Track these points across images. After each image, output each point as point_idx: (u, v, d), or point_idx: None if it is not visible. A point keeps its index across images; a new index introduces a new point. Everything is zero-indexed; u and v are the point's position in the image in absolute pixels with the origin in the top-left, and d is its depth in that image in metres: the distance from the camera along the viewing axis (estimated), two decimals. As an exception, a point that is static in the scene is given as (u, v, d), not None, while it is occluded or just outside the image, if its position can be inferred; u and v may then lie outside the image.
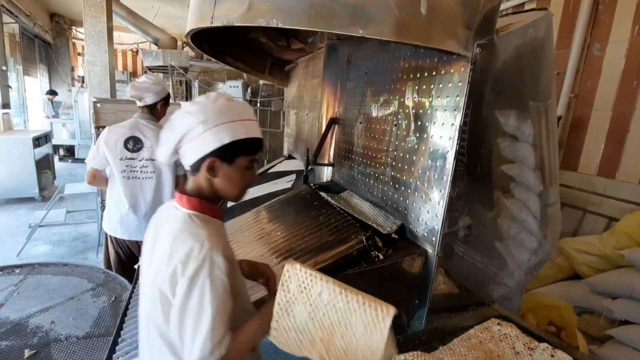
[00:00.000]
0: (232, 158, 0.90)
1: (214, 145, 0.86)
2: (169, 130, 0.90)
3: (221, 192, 0.94)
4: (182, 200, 0.92)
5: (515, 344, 1.03)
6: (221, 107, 0.88)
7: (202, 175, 0.91)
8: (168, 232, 0.88)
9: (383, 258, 1.19)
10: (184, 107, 0.91)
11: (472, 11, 0.96)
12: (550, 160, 1.41)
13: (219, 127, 0.86)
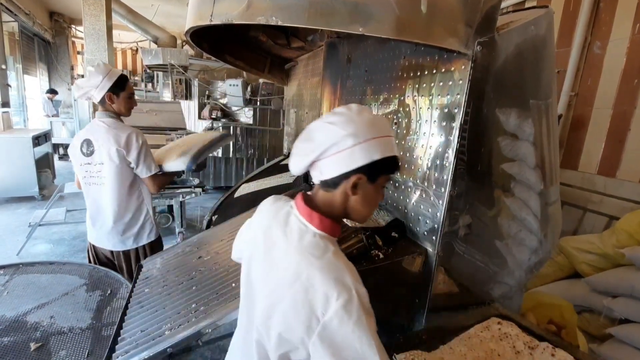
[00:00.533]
0: (376, 176, 0.84)
1: (363, 161, 0.79)
2: (306, 141, 0.83)
3: (352, 212, 0.87)
4: (313, 218, 0.84)
5: (515, 343, 1.03)
6: (369, 120, 0.82)
7: (340, 192, 0.84)
8: (292, 247, 0.82)
9: (383, 257, 1.18)
10: (325, 117, 0.84)
11: (473, 9, 0.95)
12: (551, 158, 1.40)
13: (370, 142, 0.79)
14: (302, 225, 0.84)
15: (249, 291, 0.92)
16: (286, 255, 0.82)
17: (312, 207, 0.85)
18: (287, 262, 0.81)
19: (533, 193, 1.33)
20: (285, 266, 0.80)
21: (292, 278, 0.78)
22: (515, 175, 1.29)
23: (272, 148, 6.35)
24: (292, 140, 3.08)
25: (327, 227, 0.84)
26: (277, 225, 0.87)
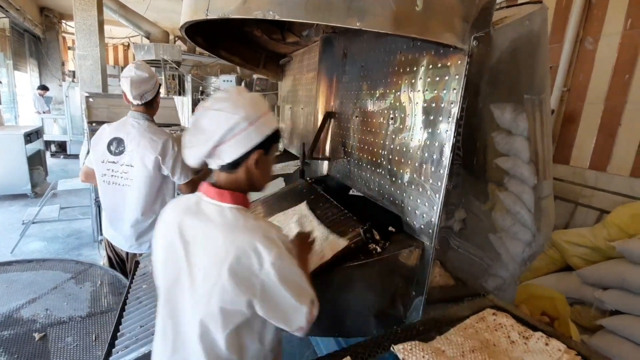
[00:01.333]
0: (270, 148, 0.92)
1: (259, 139, 0.87)
2: (198, 133, 0.86)
3: (257, 183, 0.95)
4: (225, 196, 0.90)
5: (510, 333, 1.05)
6: (252, 100, 0.89)
7: (243, 170, 0.90)
8: (217, 227, 0.86)
9: (381, 251, 1.20)
10: (209, 106, 0.87)
11: (470, 3, 0.96)
12: (544, 153, 1.42)
13: (260, 120, 0.87)
14: (216, 207, 0.89)
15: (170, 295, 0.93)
16: (209, 239, 0.87)
17: (221, 188, 0.92)
18: (212, 243, 0.86)
19: (527, 187, 1.35)
20: (211, 248, 0.85)
21: (223, 254, 0.83)
22: (509, 169, 1.31)
23: (267, 144, 6.33)
24: (288, 137, 3.07)
25: (239, 201, 0.91)
26: (189, 219, 0.91)
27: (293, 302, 0.86)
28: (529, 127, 1.28)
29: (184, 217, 0.92)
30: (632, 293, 2.40)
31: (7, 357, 1.16)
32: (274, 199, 1.88)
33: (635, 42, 2.85)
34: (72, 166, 7.67)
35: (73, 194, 5.10)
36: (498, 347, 1.01)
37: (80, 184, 4.06)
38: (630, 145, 2.88)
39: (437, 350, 0.95)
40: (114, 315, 1.34)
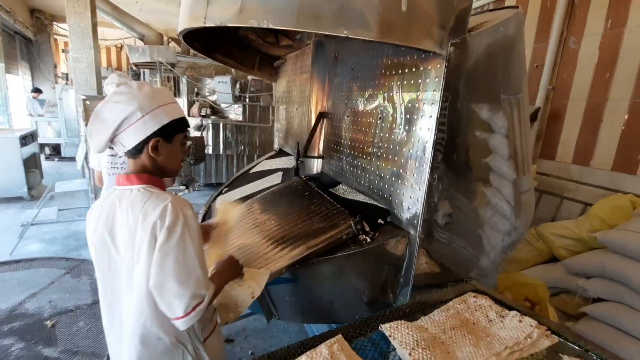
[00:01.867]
0: (171, 136, 1.01)
1: (155, 127, 0.96)
2: (98, 122, 0.96)
3: (164, 168, 1.04)
4: (131, 180, 1.00)
5: (488, 313, 1.15)
6: (150, 93, 0.98)
7: (145, 156, 1.00)
8: (127, 207, 0.96)
9: (370, 241, 1.29)
10: (110, 98, 0.97)
11: (447, 13, 1.06)
12: (523, 150, 1.52)
13: (155, 110, 0.97)
14: (127, 190, 0.99)
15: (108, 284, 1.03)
16: (123, 219, 0.96)
17: (129, 174, 1.01)
18: (126, 222, 0.95)
19: (506, 181, 1.45)
20: (124, 226, 0.95)
21: (133, 228, 0.93)
22: (489, 165, 1.41)
23: (262, 144, 6.40)
24: (283, 136, 3.16)
25: (147, 180, 1.00)
26: (109, 209, 1.00)
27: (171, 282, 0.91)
28: (508, 125, 1.38)
29: (103, 211, 1.01)
30: (613, 281, 2.51)
31: (24, 343, 1.22)
32: (271, 196, 1.96)
33: (615, 41, 2.98)
34: (66, 169, 7.67)
35: (69, 196, 5.12)
36: (477, 325, 1.10)
37: (78, 186, 4.12)
38: (611, 141, 3.01)
39: (420, 328, 1.04)
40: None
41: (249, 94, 6.02)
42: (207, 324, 1.12)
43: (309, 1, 1.05)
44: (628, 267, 2.41)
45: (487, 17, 1.47)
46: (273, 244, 1.44)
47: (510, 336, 1.04)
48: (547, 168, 3.58)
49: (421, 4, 1.04)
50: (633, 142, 2.84)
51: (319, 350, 0.93)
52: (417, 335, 1.00)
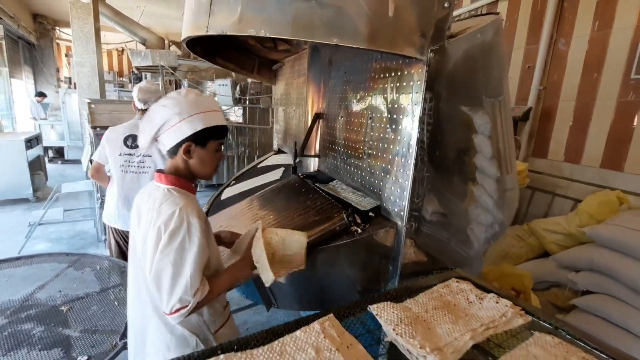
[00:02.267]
0: (205, 142, 1.10)
1: (189, 132, 1.06)
2: (147, 122, 1.09)
3: (195, 172, 1.14)
4: (161, 178, 1.11)
5: (469, 296, 1.25)
6: (192, 100, 1.08)
7: (179, 158, 1.10)
8: (151, 204, 1.07)
9: (361, 232, 1.39)
10: (160, 101, 1.09)
11: (427, 22, 1.16)
12: (506, 150, 1.62)
13: (193, 117, 1.06)
14: (157, 187, 1.12)
15: (132, 257, 1.17)
16: (146, 214, 1.08)
17: (164, 172, 1.13)
18: (146, 216, 1.07)
19: (489, 179, 1.55)
20: (145, 224, 1.06)
21: (148, 225, 1.05)
22: (474, 163, 1.51)
23: (262, 145, 6.51)
24: (282, 137, 3.27)
25: (174, 182, 1.11)
26: (143, 199, 1.13)
27: (164, 279, 0.99)
28: (490, 126, 1.48)
29: (139, 200, 1.15)
30: (600, 273, 2.61)
31: (44, 327, 1.33)
32: (270, 193, 2.07)
33: (602, 43, 3.08)
34: (70, 171, 7.79)
35: (73, 197, 5.24)
36: (457, 306, 1.21)
37: (83, 187, 4.23)
38: (600, 139, 3.11)
39: (404, 308, 1.15)
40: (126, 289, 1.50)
41: (249, 97, 6.14)
42: (219, 315, 1.21)
43: (302, 13, 1.16)
44: (614, 260, 2.50)
45: (471, 22, 1.57)
46: (271, 236, 1.54)
47: (487, 315, 1.14)
48: (540, 166, 3.69)
49: (404, 15, 1.15)
50: (620, 140, 2.94)
51: (312, 326, 1.04)
52: (402, 314, 1.11)
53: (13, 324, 1.35)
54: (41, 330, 1.31)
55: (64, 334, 1.30)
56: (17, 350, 1.22)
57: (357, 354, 0.95)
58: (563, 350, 1.00)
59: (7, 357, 1.19)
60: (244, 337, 1.02)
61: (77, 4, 5.66)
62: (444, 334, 1.05)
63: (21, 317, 1.40)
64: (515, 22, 3.97)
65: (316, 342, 0.98)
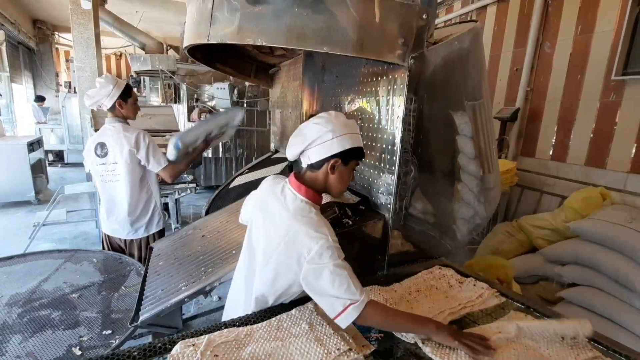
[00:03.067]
0: (348, 160, 1.16)
1: (339, 149, 1.12)
2: (298, 136, 1.16)
3: (330, 187, 1.19)
4: (301, 189, 1.16)
5: (450, 281, 1.37)
6: (343, 121, 1.16)
7: (322, 172, 1.16)
8: (285, 210, 1.12)
9: (352, 223, 1.51)
10: (312, 120, 1.17)
11: (408, 31, 1.29)
12: (488, 151, 1.74)
13: (344, 136, 1.12)
14: (292, 194, 1.17)
15: (249, 245, 1.25)
16: (280, 216, 1.15)
17: (301, 182, 1.19)
18: (281, 220, 1.14)
19: (470, 176, 1.67)
20: (279, 224, 1.14)
21: (284, 231, 1.11)
22: (457, 162, 1.63)
23: (260, 147, 6.63)
24: (279, 138, 3.38)
25: (310, 196, 1.17)
26: (273, 197, 1.21)
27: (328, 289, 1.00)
28: (471, 128, 1.60)
29: (270, 195, 1.21)
30: (585, 266, 2.73)
31: (60, 312, 1.43)
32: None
33: (584, 46, 3.22)
34: (70, 174, 7.89)
35: (73, 199, 5.34)
36: (439, 289, 1.33)
37: (85, 189, 4.34)
38: (584, 138, 3.24)
39: (391, 291, 1.27)
40: (129, 271, 1.59)
41: (246, 99, 6.26)
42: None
43: (296, 23, 1.28)
44: (598, 253, 2.63)
45: (453, 30, 1.70)
46: (269, 229, 1.66)
47: (465, 296, 1.26)
48: (528, 165, 3.82)
49: (387, 25, 1.27)
50: (602, 139, 3.07)
51: (306, 305, 1.16)
52: (387, 295, 1.23)
53: (30, 312, 1.45)
54: (59, 314, 1.41)
55: (83, 315, 1.41)
56: (42, 332, 1.33)
57: (345, 328, 1.07)
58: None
59: (35, 337, 1.29)
60: (245, 315, 1.14)
61: (77, 10, 5.76)
62: (425, 312, 1.17)
63: (35, 306, 1.50)
64: (504, 26, 4.11)
65: (310, 319, 1.10)
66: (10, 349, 1.24)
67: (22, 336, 1.31)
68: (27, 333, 1.31)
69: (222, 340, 0.97)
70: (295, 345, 0.97)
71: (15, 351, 1.23)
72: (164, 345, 0.96)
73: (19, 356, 1.21)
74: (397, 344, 1.07)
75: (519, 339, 1.03)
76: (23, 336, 1.31)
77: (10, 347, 1.25)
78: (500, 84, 4.17)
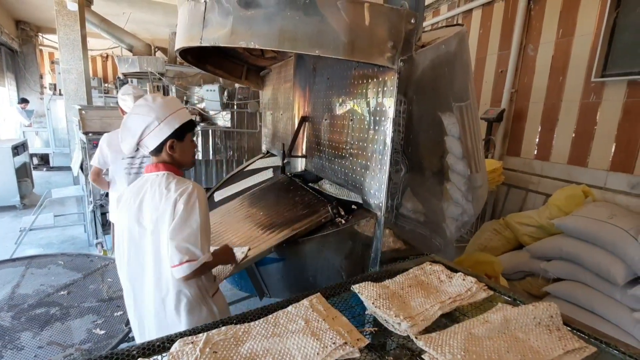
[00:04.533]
0: (182, 136, 1.28)
1: (169, 131, 1.24)
2: (126, 131, 1.25)
3: (179, 162, 1.31)
4: (159, 167, 1.27)
5: (440, 276, 1.41)
6: (162, 103, 1.25)
7: (165, 154, 1.26)
8: (155, 186, 1.23)
9: (345, 222, 1.55)
10: (132, 110, 1.26)
11: (397, 35, 1.33)
12: (474, 151, 1.80)
13: (169, 117, 1.24)
14: (155, 176, 1.28)
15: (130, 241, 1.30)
16: (152, 198, 1.24)
17: (156, 166, 1.28)
18: (151, 197, 1.23)
19: (459, 176, 1.73)
20: (155, 203, 1.22)
21: (157, 201, 1.22)
22: (445, 161, 1.68)
23: (251, 149, 6.61)
24: (270, 140, 3.40)
25: (171, 169, 1.29)
26: (139, 189, 1.28)
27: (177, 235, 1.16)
28: (459, 129, 1.65)
29: (133, 194, 1.29)
30: (569, 261, 2.82)
31: (57, 307, 1.43)
32: (260, 192, 2.20)
33: (565, 49, 3.34)
34: (56, 178, 7.73)
35: (60, 204, 5.25)
36: (430, 284, 1.37)
37: (73, 192, 4.27)
38: (566, 137, 3.35)
39: (383, 286, 1.30)
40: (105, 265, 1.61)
41: (236, 101, 6.25)
42: (212, 284, 1.40)
43: (287, 27, 1.31)
44: (580, 248, 2.72)
45: (440, 33, 1.75)
46: (263, 229, 1.68)
47: (454, 290, 1.31)
48: (513, 164, 3.92)
49: (377, 29, 1.31)
50: (583, 138, 3.18)
51: (301, 302, 1.18)
52: (380, 291, 1.26)
53: (23, 313, 1.45)
54: (57, 309, 1.43)
55: (84, 306, 1.45)
56: (50, 325, 1.36)
57: (340, 324, 1.10)
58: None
59: (47, 330, 1.32)
60: (242, 313, 1.16)
61: (63, 11, 5.68)
62: (417, 306, 1.21)
63: (24, 307, 1.49)
64: (489, 29, 4.22)
65: (305, 315, 1.12)
66: (26, 344, 1.29)
67: (31, 332, 1.35)
68: (34, 329, 1.35)
69: (221, 337, 0.99)
70: (293, 341, 1.00)
71: (33, 343, 1.29)
72: (163, 343, 0.98)
73: (41, 346, 1.28)
74: (390, 337, 1.10)
75: (508, 330, 1.07)
76: (32, 332, 1.35)
77: (24, 342, 1.30)
78: (487, 86, 4.27)
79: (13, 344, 1.28)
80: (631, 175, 2.82)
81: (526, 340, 1.06)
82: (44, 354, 1.24)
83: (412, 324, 1.10)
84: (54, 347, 1.25)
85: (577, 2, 3.20)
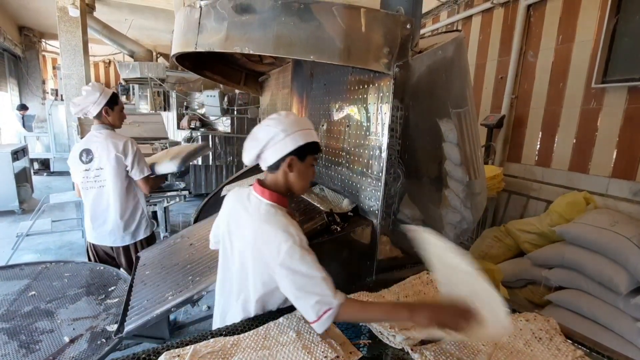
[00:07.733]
0: (304, 156, 1.16)
1: (292, 147, 1.12)
2: (252, 140, 1.16)
3: (292, 185, 1.20)
4: (264, 193, 1.17)
5: (437, 286, 1.38)
6: (293, 119, 1.17)
7: (281, 172, 1.16)
8: (252, 216, 1.13)
9: (340, 230, 1.52)
10: (263, 122, 1.18)
11: (393, 40, 1.31)
12: (473, 157, 1.77)
13: (295, 133, 1.13)
14: (257, 200, 1.19)
15: (224, 260, 1.26)
16: (248, 223, 1.16)
17: (264, 186, 1.20)
18: (249, 227, 1.15)
19: (457, 182, 1.70)
20: (248, 232, 1.14)
21: (252, 237, 1.12)
22: (444, 168, 1.66)
23: (250, 154, 6.60)
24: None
25: (275, 199, 1.19)
26: (240, 206, 1.22)
27: (296, 290, 1.02)
28: (457, 135, 1.63)
29: (237, 205, 1.22)
30: (571, 269, 2.77)
31: (57, 303, 1.40)
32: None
33: (565, 55, 3.32)
34: (56, 183, 7.73)
35: (59, 209, 5.23)
36: (427, 294, 1.33)
37: (71, 197, 4.25)
38: (567, 144, 3.32)
39: (378, 297, 1.27)
40: (115, 273, 1.58)
41: (236, 107, 6.26)
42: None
43: (283, 32, 1.30)
44: (583, 256, 2.67)
45: (437, 39, 1.74)
46: (258, 236, 1.66)
47: (452, 301, 1.27)
48: (514, 170, 3.89)
49: (373, 35, 1.30)
50: (584, 145, 3.15)
51: (293, 313, 1.15)
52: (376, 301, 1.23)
53: (29, 317, 1.44)
54: (63, 310, 1.43)
55: (98, 309, 1.45)
56: (61, 325, 1.36)
57: (333, 335, 1.07)
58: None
59: (62, 328, 1.34)
60: (232, 325, 1.13)
61: (65, 17, 5.71)
62: (413, 317, 1.18)
63: (24, 311, 1.48)
64: (489, 35, 4.21)
65: (297, 327, 1.09)
66: (44, 340, 1.31)
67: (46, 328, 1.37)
68: (52, 326, 1.37)
69: (208, 350, 0.96)
70: (283, 354, 0.97)
71: (49, 340, 1.30)
72: (148, 356, 0.95)
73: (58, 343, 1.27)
74: (385, 351, 1.07)
75: (506, 340, 1.04)
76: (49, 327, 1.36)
77: (42, 337, 1.32)
78: (486, 92, 4.26)
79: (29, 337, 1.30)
80: (633, 182, 2.78)
81: (527, 352, 1.03)
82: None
83: (407, 336, 1.07)
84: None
85: (577, 8, 3.19)
